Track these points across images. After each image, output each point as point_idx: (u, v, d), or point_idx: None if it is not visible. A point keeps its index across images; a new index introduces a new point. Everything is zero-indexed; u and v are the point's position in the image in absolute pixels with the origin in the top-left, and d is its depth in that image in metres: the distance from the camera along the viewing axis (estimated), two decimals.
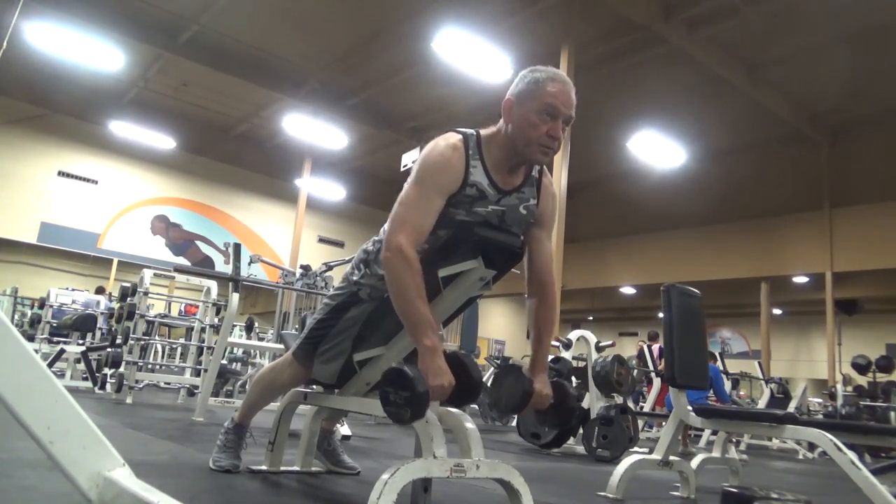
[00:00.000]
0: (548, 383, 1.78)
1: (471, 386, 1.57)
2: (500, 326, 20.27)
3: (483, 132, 1.78)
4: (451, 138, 1.74)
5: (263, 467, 2.23)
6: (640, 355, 8.50)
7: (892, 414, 8.64)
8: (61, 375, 6.08)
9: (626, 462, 2.61)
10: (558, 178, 8.13)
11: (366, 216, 16.63)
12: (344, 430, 3.48)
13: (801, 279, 13.73)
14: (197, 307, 6.50)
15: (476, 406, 7.66)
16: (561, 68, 8.49)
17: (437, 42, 8.63)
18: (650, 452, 2.87)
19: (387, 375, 1.54)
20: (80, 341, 6.34)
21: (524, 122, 1.69)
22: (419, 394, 1.47)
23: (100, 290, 9.57)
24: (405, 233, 1.62)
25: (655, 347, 8.15)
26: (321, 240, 17.01)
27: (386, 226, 1.70)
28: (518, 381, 1.71)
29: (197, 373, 5.37)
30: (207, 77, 11.97)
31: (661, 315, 2.83)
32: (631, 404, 6.23)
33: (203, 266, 14.78)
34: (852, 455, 2.23)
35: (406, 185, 1.70)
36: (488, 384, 7.97)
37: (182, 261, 15.05)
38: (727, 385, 7.42)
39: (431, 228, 1.66)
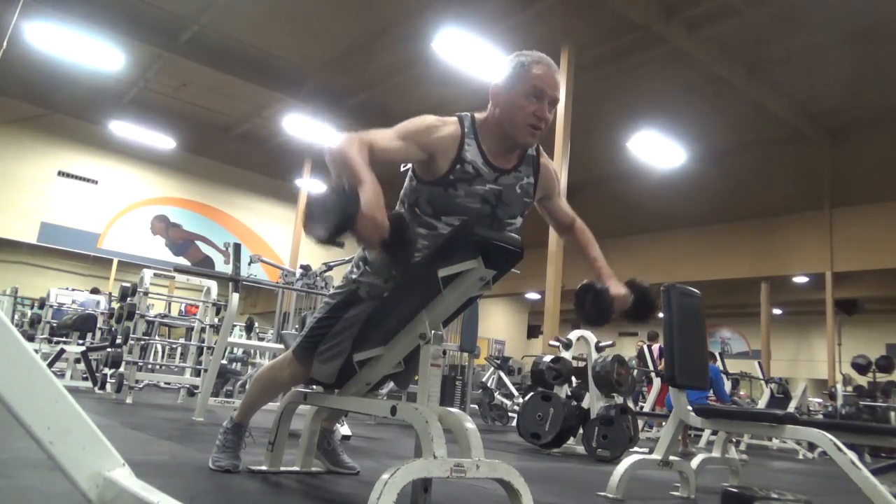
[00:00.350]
0: (621, 285, 1.93)
1: (404, 241, 1.54)
2: (500, 326, 20.26)
3: (477, 115, 1.84)
4: (448, 118, 1.82)
5: (263, 467, 2.23)
6: (640, 355, 8.50)
7: (892, 414, 8.64)
8: (61, 375, 6.08)
9: (626, 462, 2.61)
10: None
11: None
12: (344, 430, 3.48)
13: (801, 279, 13.74)
14: (197, 307, 6.50)
15: (476, 406, 7.66)
16: (561, 68, 8.55)
17: (437, 42, 8.62)
18: (650, 452, 2.87)
19: (321, 194, 1.51)
20: (80, 341, 6.34)
21: (511, 104, 1.75)
22: (348, 215, 1.43)
23: (94, 292, 9.57)
24: (360, 135, 1.66)
25: (655, 347, 8.16)
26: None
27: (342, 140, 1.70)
28: (598, 295, 1.86)
29: (197, 373, 5.37)
30: (207, 77, 11.97)
31: (661, 315, 2.83)
32: (631, 404, 6.22)
33: (203, 266, 14.78)
34: (852, 455, 2.23)
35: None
36: (488, 384, 7.93)
37: (182, 261, 15.05)
38: (727, 385, 7.43)
39: (388, 160, 1.69)
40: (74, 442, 0.89)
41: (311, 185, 14.79)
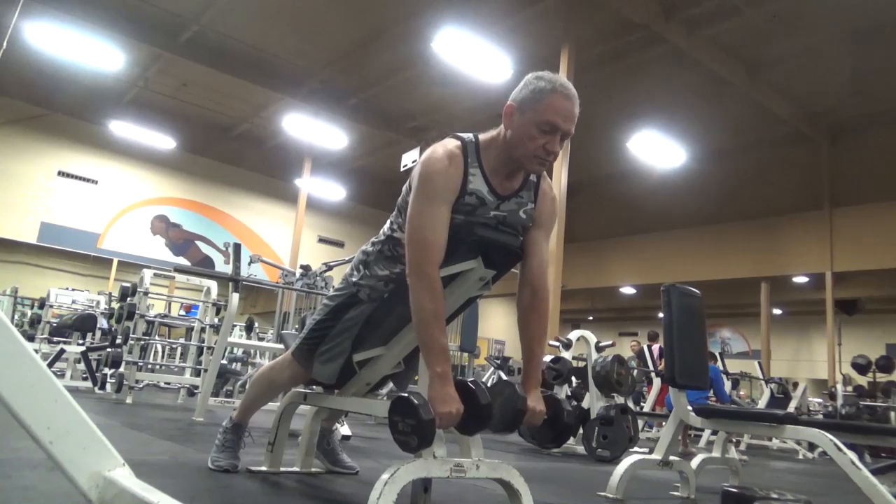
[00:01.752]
0: (541, 399, 1.72)
1: (480, 412, 1.54)
2: (500, 326, 20.25)
3: (482, 137, 1.76)
4: (449, 145, 1.71)
5: (263, 468, 2.23)
6: (640, 355, 8.50)
7: (892, 414, 8.64)
8: (61, 375, 6.08)
9: (626, 462, 2.61)
10: (558, 178, 8.13)
11: (366, 216, 16.64)
12: (344, 430, 3.48)
13: (801, 279, 13.73)
14: (190, 306, 6.49)
15: None
16: (561, 68, 8.55)
17: (437, 42, 8.63)
18: (650, 452, 2.87)
19: (394, 404, 1.54)
20: (81, 341, 6.34)
21: (522, 132, 1.66)
22: (425, 421, 1.47)
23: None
24: (428, 257, 1.60)
25: (655, 347, 8.16)
26: (321, 240, 17.02)
27: (407, 255, 1.65)
28: (510, 400, 1.63)
29: (197, 373, 5.37)
30: (207, 77, 11.97)
31: (661, 315, 2.83)
32: (631, 404, 6.22)
33: (203, 266, 14.79)
34: (852, 455, 2.23)
35: (412, 203, 1.67)
36: (489, 382, 7.95)
37: (182, 261, 15.06)
38: (727, 385, 7.43)
39: (446, 241, 1.64)
40: (74, 442, 0.89)
41: (310, 186, 14.82)
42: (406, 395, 1.54)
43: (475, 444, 1.64)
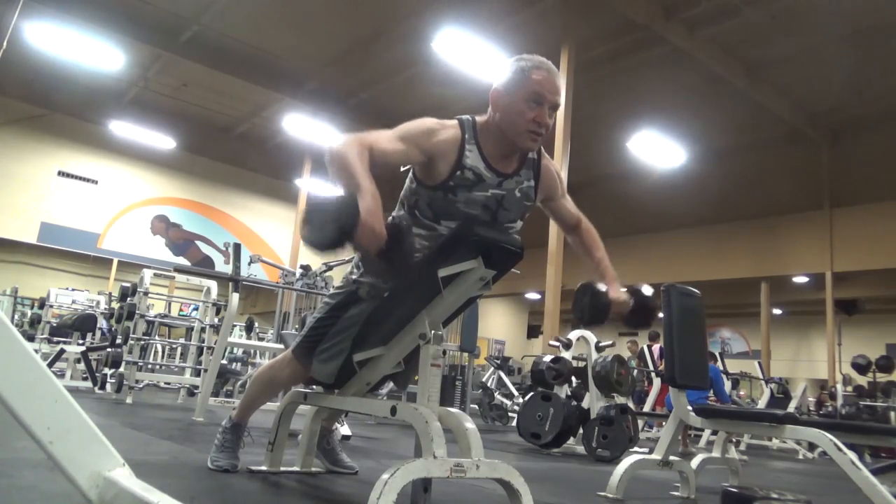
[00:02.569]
0: (622, 290, 1.92)
1: (402, 251, 1.52)
2: (500, 326, 20.25)
3: (478, 118, 1.83)
4: (448, 121, 1.80)
5: (263, 468, 2.23)
6: (641, 356, 8.51)
7: (892, 414, 8.65)
8: (61, 375, 6.08)
9: (626, 462, 2.61)
10: None
11: None
12: (344, 430, 3.48)
13: (801, 279, 13.73)
14: (188, 306, 6.49)
15: (476, 406, 7.67)
16: (561, 68, 8.54)
17: (437, 42, 8.62)
18: (650, 452, 2.87)
19: (318, 198, 1.53)
20: (81, 341, 6.34)
21: (512, 109, 1.73)
22: (346, 223, 1.43)
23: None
24: (360, 137, 1.64)
25: (656, 347, 8.16)
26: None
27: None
28: (596, 296, 1.85)
29: (197, 373, 5.37)
30: (207, 77, 11.97)
31: (661, 315, 2.82)
32: (631, 405, 6.22)
33: (203, 266, 14.78)
34: (852, 455, 2.23)
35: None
36: (488, 384, 7.92)
37: (182, 261, 15.05)
38: (727, 385, 7.44)
39: (387, 162, 1.67)
40: (74, 442, 0.89)
41: (310, 186, 14.80)
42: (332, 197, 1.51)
43: (475, 444, 1.64)
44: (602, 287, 1.90)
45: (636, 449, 4.67)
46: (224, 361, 6.25)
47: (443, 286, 1.67)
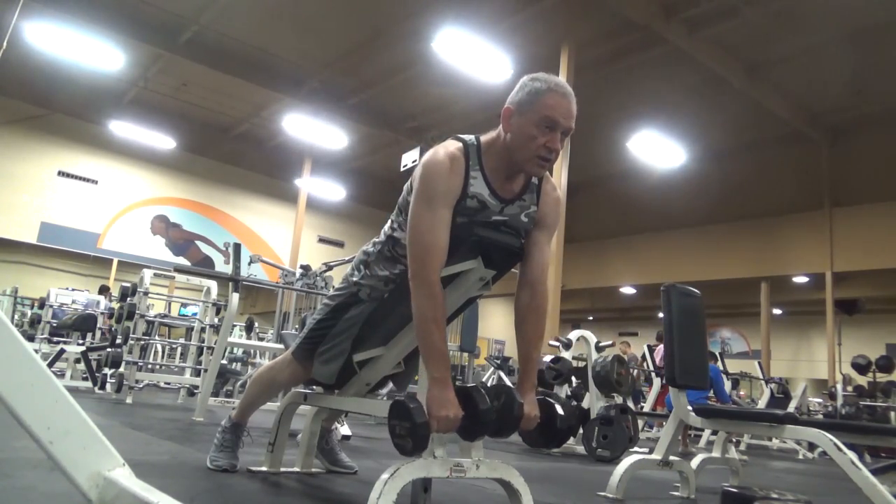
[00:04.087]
0: (536, 404, 1.70)
1: (479, 417, 1.55)
2: (500, 326, 20.24)
3: (483, 139, 1.74)
4: (451, 147, 1.70)
5: (263, 468, 2.23)
6: (634, 359, 8.51)
7: (892, 414, 8.65)
8: (61, 375, 6.08)
9: (626, 462, 2.61)
10: (558, 179, 8.14)
11: (366, 216, 16.63)
12: (344, 430, 3.48)
13: (801, 279, 13.73)
14: (185, 304, 6.49)
15: None
16: (561, 68, 8.55)
17: (437, 42, 8.62)
18: (650, 452, 2.87)
19: (391, 408, 1.57)
20: (80, 341, 6.34)
21: (522, 133, 1.66)
22: (418, 425, 1.49)
23: (104, 290, 9.54)
24: (430, 262, 1.59)
25: (660, 348, 8.15)
26: (321, 240, 17.01)
27: (408, 259, 1.65)
28: (508, 405, 1.61)
29: (197, 373, 5.37)
30: (207, 77, 11.97)
31: (661, 315, 2.82)
32: (631, 404, 6.22)
33: (203, 266, 14.78)
34: (852, 455, 2.23)
35: (413, 206, 1.66)
36: (488, 384, 7.96)
37: (182, 261, 15.05)
38: (727, 385, 7.44)
39: (448, 244, 1.63)
40: (74, 442, 0.89)
41: (310, 185, 14.81)
42: (402, 398, 1.55)
43: (475, 445, 1.64)
44: (517, 396, 1.64)
45: (636, 449, 4.67)
46: (224, 361, 6.25)
47: (442, 286, 1.67)
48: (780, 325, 16.17)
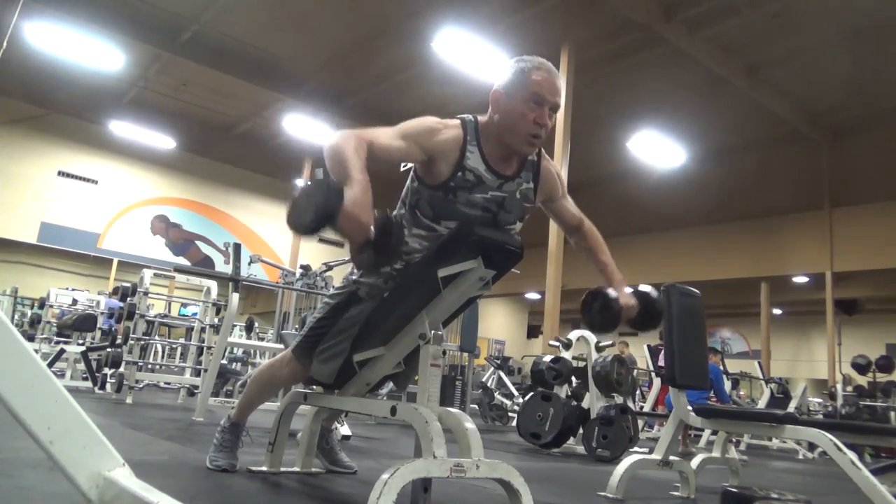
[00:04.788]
0: (630, 295, 1.90)
1: (389, 244, 1.52)
2: (500, 326, 20.26)
3: (480, 118, 1.82)
4: (451, 121, 1.80)
5: (263, 468, 2.23)
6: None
7: (892, 414, 8.65)
8: (61, 375, 6.08)
9: (626, 462, 2.61)
10: None
11: None
12: (344, 430, 3.48)
13: (801, 279, 13.73)
14: (185, 304, 6.49)
15: (476, 406, 7.67)
16: (561, 68, 8.54)
17: (437, 42, 8.62)
18: (650, 452, 2.87)
19: (308, 187, 1.51)
20: (80, 341, 6.34)
21: (513, 111, 1.72)
22: (329, 209, 1.43)
23: (116, 291, 9.45)
24: (359, 133, 1.64)
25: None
26: (321, 240, 16.88)
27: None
28: (607, 303, 1.84)
29: (197, 373, 5.37)
30: (207, 77, 11.97)
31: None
32: (631, 404, 6.22)
33: (203, 266, 14.78)
34: (852, 455, 2.23)
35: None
36: (488, 384, 7.91)
37: (182, 261, 15.04)
38: (727, 385, 7.44)
39: (388, 159, 1.67)
40: (74, 442, 0.89)
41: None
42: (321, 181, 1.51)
43: (475, 444, 1.64)
44: (612, 293, 1.89)
45: (636, 449, 4.67)
46: (224, 361, 6.25)
47: (443, 286, 1.67)
48: (780, 325, 16.17)
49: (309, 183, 1.52)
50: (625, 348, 9.46)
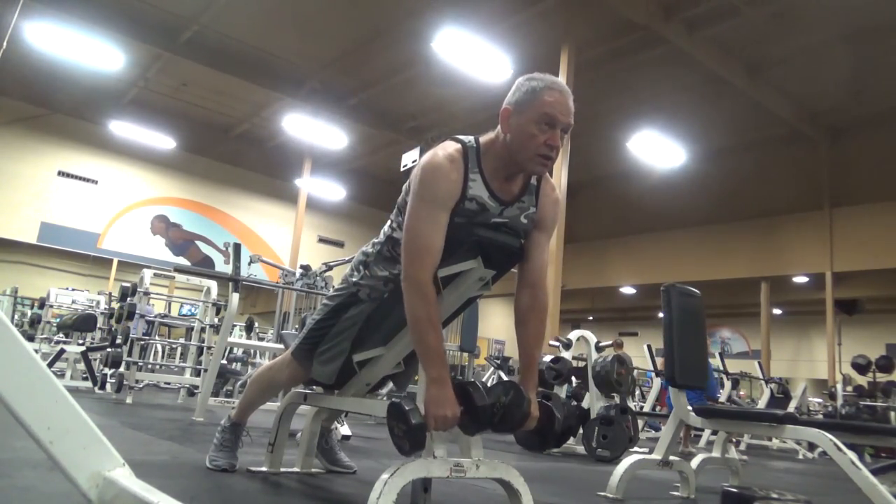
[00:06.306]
0: (536, 404, 1.69)
1: (478, 414, 1.56)
2: (500, 326, 20.24)
3: (482, 140, 1.74)
4: (450, 148, 1.70)
5: (263, 468, 2.23)
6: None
7: (892, 414, 8.65)
8: (61, 375, 6.08)
9: (626, 462, 2.61)
10: (558, 179, 8.13)
11: (366, 216, 16.63)
12: (344, 430, 3.48)
13: (801, 279, 13.73)
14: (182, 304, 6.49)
15: None
16: (561, 68, 8.55)
17: (437, 42, 8.62)
18: (650, 452, 2.87)
19: (389, 409, 1.59)
20: (80, 341, 6.34)
21: (522, 132, 1.66)
22: (414, 426, 1.51)
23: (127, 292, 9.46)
24: (422, 263, 1.60)
25: None
26: (321, 240, 17.01)
27: (402, 259, 1.65)
28: (516, 400, 1.60)
29: (197, 373, 5.37)
30: (207, 77, 11.97)
31: (661, 315, 2.82)
32: (631, 404, 6.22)
33: (203, 266, 14.78)
34: (852, 455, 2.23)
35: (410, 207, 1.67)
36: (489, 383, 7.94)
37: (182, 261, 15.05)
38: (727, 385, 7.45)
39: (443, 246, 1.63)
40: (74, 442, 0.89)
41: (310, 185, 14.79)
42: (398, 399, 1.57)
43: (475, 444, 1.64)
44: (526, 394, 1.63)
45: (636, 449, 4.67)
46: (224, 361, 6.25)
47: (442, 286, 1.67)
48: (780, 325, 16.17)
49: (396, 408, 1.58)
50: (618, 349, 9.45)
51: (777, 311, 16.26)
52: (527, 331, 1.79)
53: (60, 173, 13.62)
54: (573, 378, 5.13)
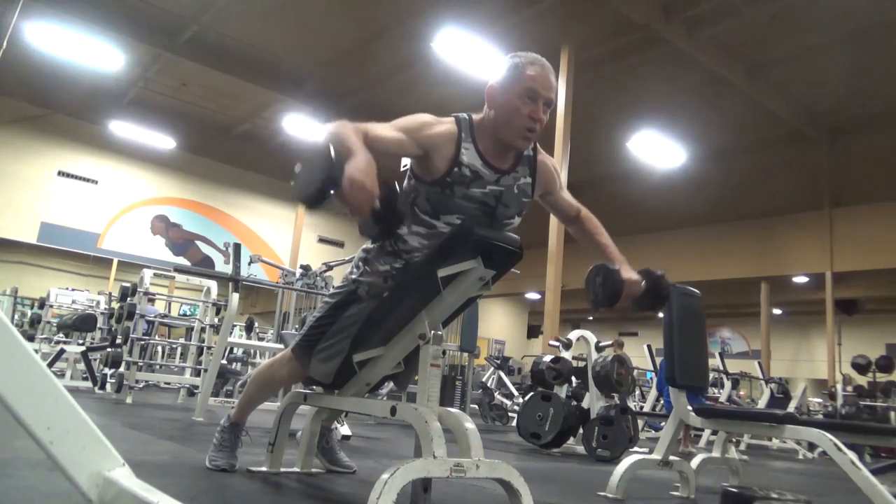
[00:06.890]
0: (633, 272, 1.87)
1: (393, 211, 1.56)
2: (500, 326, 20.26)
3: (475, 116, 1.85)
4: (444, 118, 1.82)
5: (263, 468, 2.23)
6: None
7: (892, 414, 8.64)
8: (61, 375, 6.08)
9: (626, 462, 2.61)
10: None
11: None
12: (344, 430, 3.48)
13: (801, 279, 13.74)
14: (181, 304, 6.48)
15: (476, 406, 7.67)
16: (561, 68, 8.55)
17: (437, 42, 8.62)
18: (650, 452, 2.87)
19: (308, 149, 1.55)
20: (80, 341, 6.34)
21: (507, 106, 1.75)
22: (333, 176, 1.44)
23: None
24: (356, 123, 1.67)
25: None
26: (321, 240, 17.01)
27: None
28: (608, 275, 1.81)
29: (197, 373, 5.37)
30: (207, 77, 11.96)
31: (661, 315, 2.82)
32: (632, 404, 6.22)
33: (203, 266, 14.78)
34: (852, 455, 2.23)
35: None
36: (488, 384, 7.91)
37: (182, 261, 15.04)
38: (727, 385, 7.44)
39: (382, 150, 1.68)
40: (74, 442, 0.89)
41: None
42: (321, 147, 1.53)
43: (475, 444, 1.64)
44: (614, 266, 1.86)
45: (636, 449, 4.67)
46: (224, 361, 6.25)
47: (442, 286, 1.67)
48: (780, 325, 16.18)
49: (313, 151, 1.52)
50: (619, 349, 9.45)
51: (777, 311, 16.27)
52: (593, 234, 2.00)
53: (60, 173, 13.61)
54: (573, 378, 5.13)
